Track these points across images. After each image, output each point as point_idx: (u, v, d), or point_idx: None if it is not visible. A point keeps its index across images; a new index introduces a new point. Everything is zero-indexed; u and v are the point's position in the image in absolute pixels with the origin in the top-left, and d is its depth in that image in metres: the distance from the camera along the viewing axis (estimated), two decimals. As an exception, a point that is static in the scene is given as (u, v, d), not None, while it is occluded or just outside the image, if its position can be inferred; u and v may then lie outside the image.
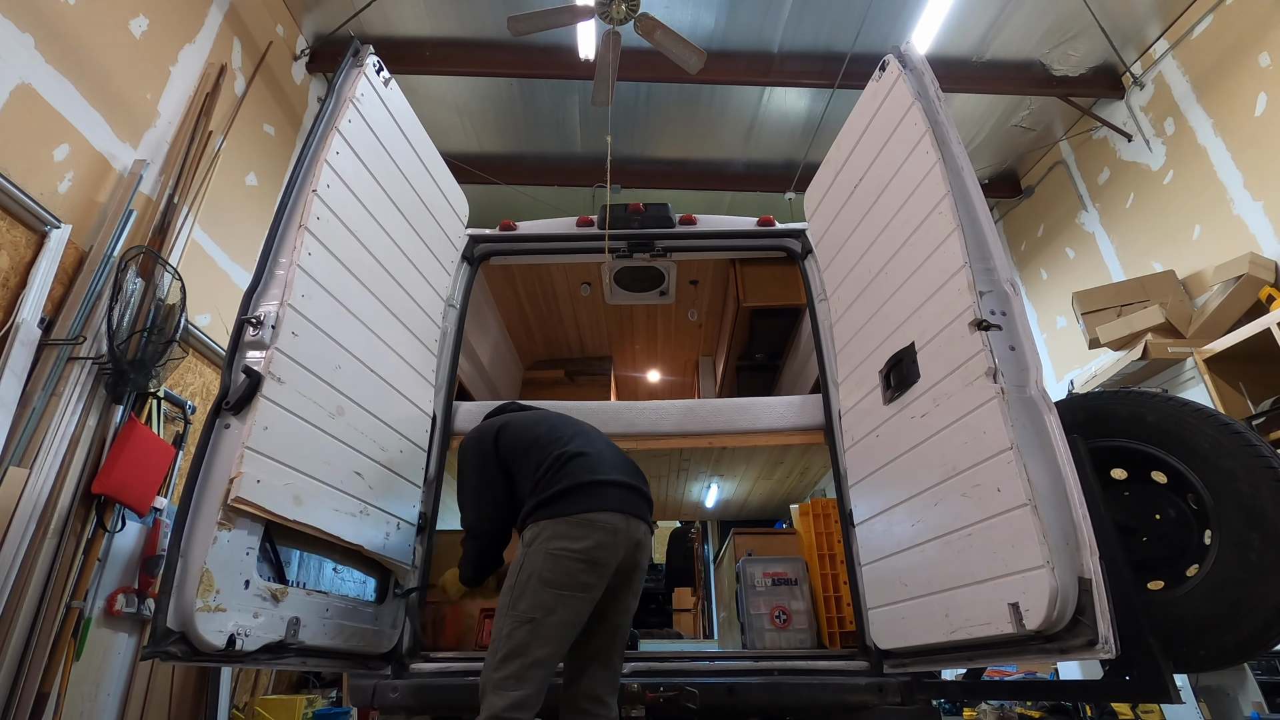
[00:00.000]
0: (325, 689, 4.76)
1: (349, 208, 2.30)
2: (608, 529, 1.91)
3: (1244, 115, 5.05)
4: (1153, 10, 5.66)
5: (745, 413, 3.00)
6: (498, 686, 1.70)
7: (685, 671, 2.26)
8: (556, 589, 1.80)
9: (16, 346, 3.01)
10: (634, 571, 2.02)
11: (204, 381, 4.38)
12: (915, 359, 2.11)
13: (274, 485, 1.83)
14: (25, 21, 3.28)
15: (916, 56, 2.33)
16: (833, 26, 5.84)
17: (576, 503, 1.93)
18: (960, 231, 1.94)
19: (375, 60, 2.54)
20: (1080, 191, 6.78)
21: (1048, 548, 1.53)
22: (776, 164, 7.50)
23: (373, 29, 5.86)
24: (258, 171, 5.18)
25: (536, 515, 1.94)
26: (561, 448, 2.08)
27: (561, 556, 1.83)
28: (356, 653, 2.18)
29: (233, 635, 1.65)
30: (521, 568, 1.86)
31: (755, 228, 3.27)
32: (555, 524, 1.90)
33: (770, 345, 4.55)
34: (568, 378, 5.06)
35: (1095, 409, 2.09)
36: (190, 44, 4.47)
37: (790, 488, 4.04)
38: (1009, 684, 4.00)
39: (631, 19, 4.67)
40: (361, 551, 2.21)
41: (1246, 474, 1.73)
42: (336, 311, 2.19)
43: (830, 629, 2.80)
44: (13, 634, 2.83)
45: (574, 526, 1.89)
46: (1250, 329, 4.05)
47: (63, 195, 3.44)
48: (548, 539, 1.87)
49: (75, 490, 3.19)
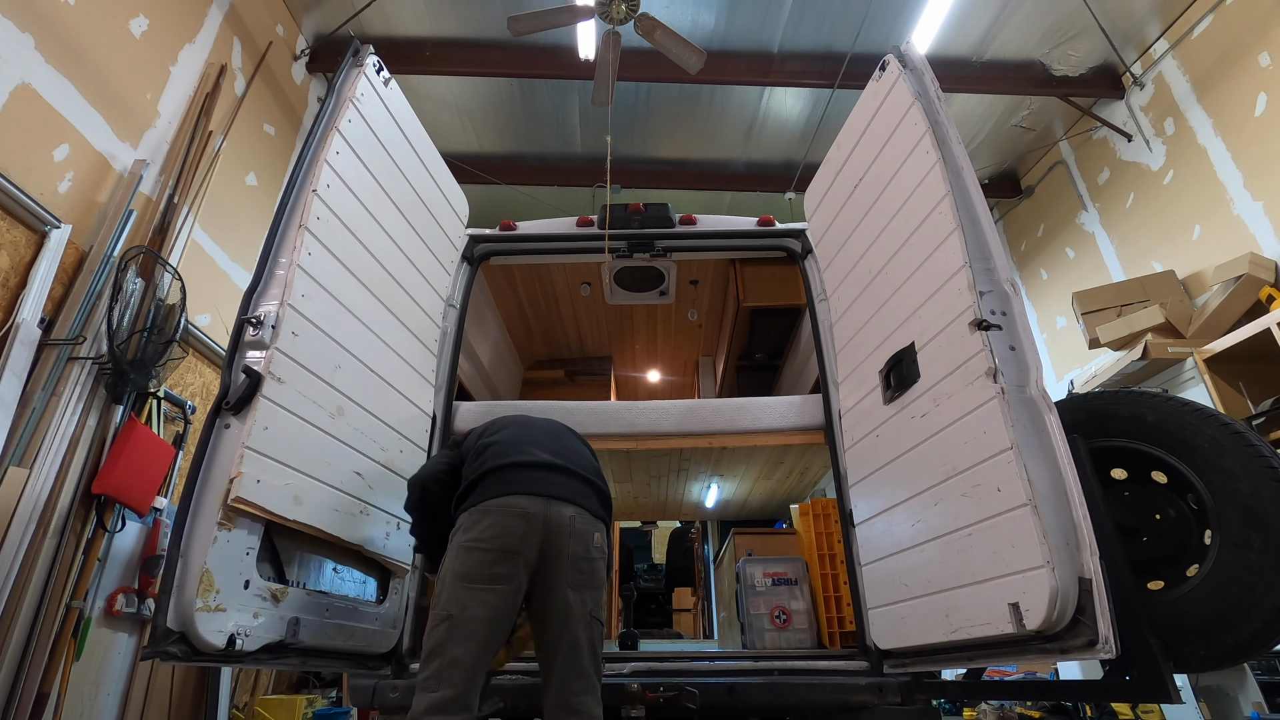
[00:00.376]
0: (325, 689, 4.76)
1: (349, 208, 2.30)
2: (514, 513, 1.83)
3: (1244, 115, 5.05)
4: (1153, 10, 5.66)
5: (745, 413, 3.00)
6: (420, 688, 1.66)
7: (685, 671, 2.27)
8: (468, 583, 1.75)
9: (16, 346, 3.01)
10: (558, 559, 1.83)
11: (204, 381, 4.38)
12: (915, 359, 2.11)
13: (274, 485, 1.83)
14: (25, 21, 3.28)
15: (916, 56, 2.33)
16: (833, 26, 5.84)
17: (484, 491, 1.89)
18: (960, 231, 1.94)
19: (375, 60, 2.54)
20: (1080, 191, 6.78)
21: (1048, 548, 1.53)
22: (776, 164, 7.50)
23: (373, 29, 5.86)
24: (258, 171, 5.18)
25: (455, 513, 1.92)
26: (488, 438, 2.05)
27: (470, 549, 1.79)
28: (357, 653, 2.18)
29: (233, 635, 1.65)
30: (442, 569, 1.84)
31: (755, 228, 3.27)
32: (464, 516, 1.87)
33: (770, 345, 4.55)
34: (568, 378, 5.06)
35: (1095, 409, 2.08)
36: (190, 44, 4.47)
37: (790, 488, 4.04)
38: (1009, 684, 4.00)
39: (631, 19, 4.66)
40: (361, 551, 2.21)
41: (1246, 474, 1.73)
42: (336, 311, 2.19)
43: (830, 629, 2.80)
44: (13, 634, 2.83)
45: (480, 516, 1.84)
46: (1250, 329, 4.05)
47: (63, 195, 3.44)
48: (459, 533, 1.84)
49: (75, 490, 3.19)
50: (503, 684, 2.14)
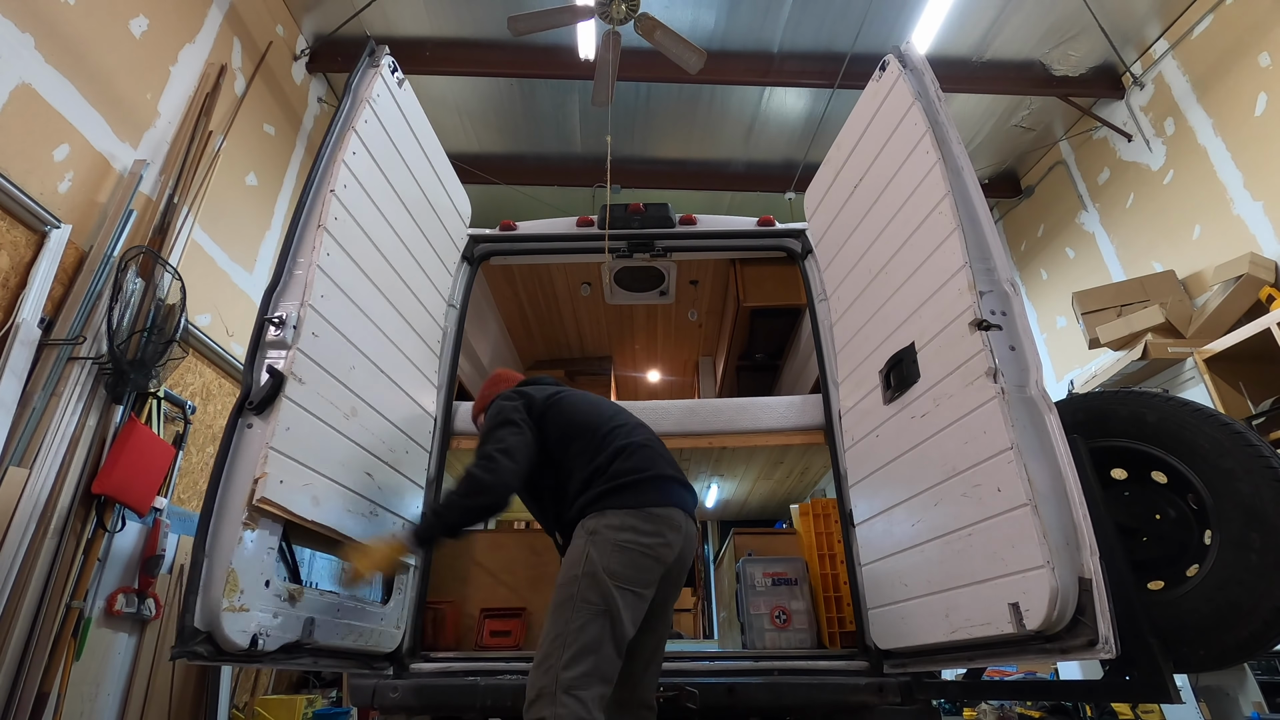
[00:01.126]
0: (325, 689, 4.76)
1: (363, 208, 2.30)
2: (674, 524, 1.85)
3: (1244, 115, 5.05)
4: (1153, 10, 5.66)
5: (745, 413, 3.00)
6: (573, 686, 1.53)
7: (685, 671, 2.26)
8: (627, 584, 1.70)
9: (16, 346, 3.01)
10: (685, 571, 1.95)
11: (204, 381, 4.37)
12: (915, 359, 2.11)
13: (295, 486, 1.83)
14: (25, 21, 3.27)
15: (916, 56, 2.33)
16: (833, 26, 5.84)
17: (646, 495, 1.85)
18: (960, 231, 1.94)
19: (390, 60, 2.54)
20: (1080, 191, 6.78)
21: (1048, 548, 1.53)
22: (776, 164, 7.50)
23: (373, 29, 5.86)
24: (258, 171, 5.18)
25: (601, 504, 1.83)
26: (626, 438, 1.99)
27: (631, 549, 1.74)
28: (363, 652, 2.18)
29: (255, 635, 1.65)
30: (587, 558, 1.73)
31: (755, 228, 3.27)
32: (623, 515, 1.80)
33: (770, 345, 4.55)
34: (568, 378, 5.06)
35: (1095, 409, 2.08)
36: (190, 44, 4.47)
37: (790, 488, 4.04)
38: (1009, 684, 4.00)
39: (631, 19, 4.67)
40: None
41: (1246, 474, 1.73)
42: (352, 312, 2.19)
43: (830, 629, 2.80)
44: (13, 634, 2.83)
45: (645, 520, 1.80)
46: (1250, 329, 4.04)
47: (63, 195, 3.44)
48: (616, 530, 1.77)
49: (75, 490, 3.19)
50: (502, 684, 2.14)
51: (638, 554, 1.75)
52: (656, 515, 1.82)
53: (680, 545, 1.86)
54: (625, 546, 1.74)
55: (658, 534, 1.79)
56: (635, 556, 1.74)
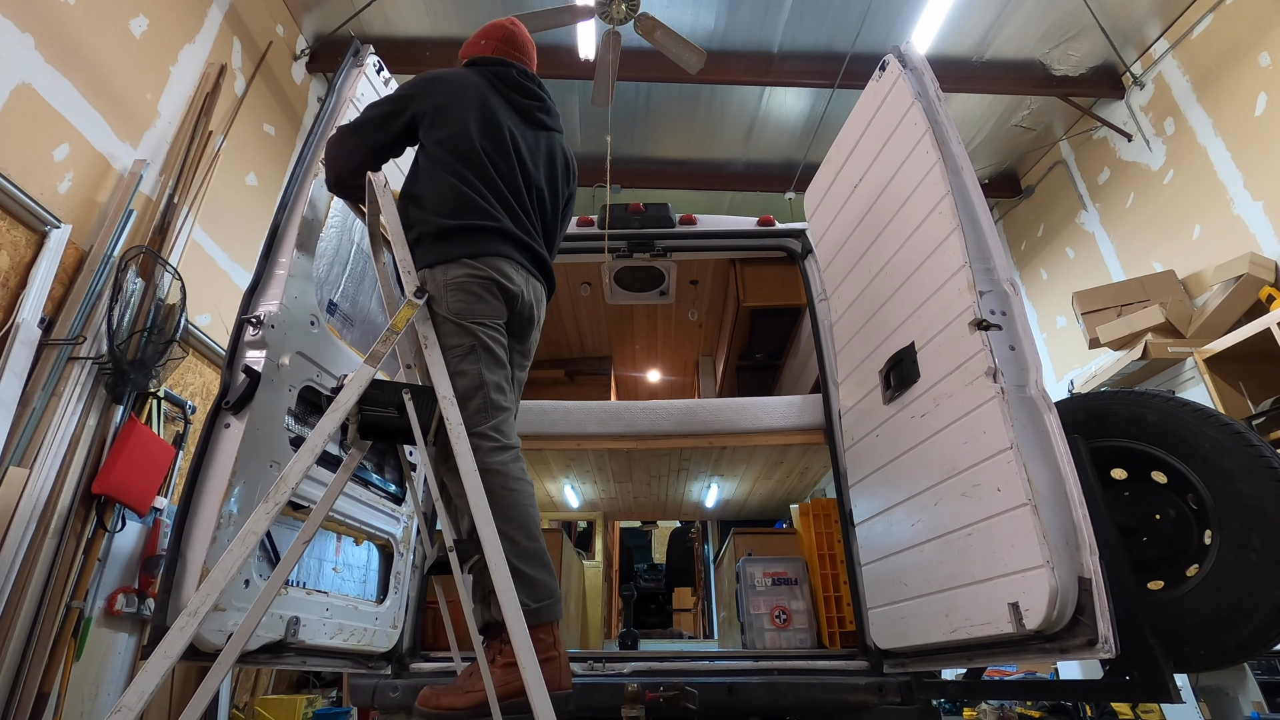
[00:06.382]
0: (325, 689, 4.76)
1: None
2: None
3: (1244, 115, 5.05)
4: (1153, 10, 5.66)
5: (745, 413, 3.00)
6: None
7: (685, 671, 2.26)
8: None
9: (16, 346, 3.01)
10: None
11: (204, 381, 4.38)
12: (915, 359, 2.11)
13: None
14: (25, 21, 3.27)
15: (916, 56, 2.32)
16: (833, 26, 5.84)
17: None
18: (960, 231, 1.94)
19: (375, 60, 2.54)
20: (1080, 191, 6.77)
21: (1048, 547, 1.53)
22: (776, 164, 7.50)
23: (373, 29, 5.86)
24: (258, 171, 5.18)
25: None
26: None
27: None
28: (356, 652, 2.17)
29: (233, 635, 1.65)
30: None
31: (755, 228, 3.27)
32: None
33: (770, 345, 4.55)
34: (568, 378, 5.06)
35: (1095, 409, 2.08)
36: (190, 44, 4.47)
37: (790, 488, 4.04)
38: (1009, 684, 4.00)
39: (631, 19, 4.67)
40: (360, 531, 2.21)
41: (1246, 474, 1.73)
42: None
43: (830, 629, 2.80)
44: (13, 634, 2.83)
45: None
46: (1250, 329, 4.04)
47: (63, 195, 3.44)
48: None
49: (75, 490, 3.19)
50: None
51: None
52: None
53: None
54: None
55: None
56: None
